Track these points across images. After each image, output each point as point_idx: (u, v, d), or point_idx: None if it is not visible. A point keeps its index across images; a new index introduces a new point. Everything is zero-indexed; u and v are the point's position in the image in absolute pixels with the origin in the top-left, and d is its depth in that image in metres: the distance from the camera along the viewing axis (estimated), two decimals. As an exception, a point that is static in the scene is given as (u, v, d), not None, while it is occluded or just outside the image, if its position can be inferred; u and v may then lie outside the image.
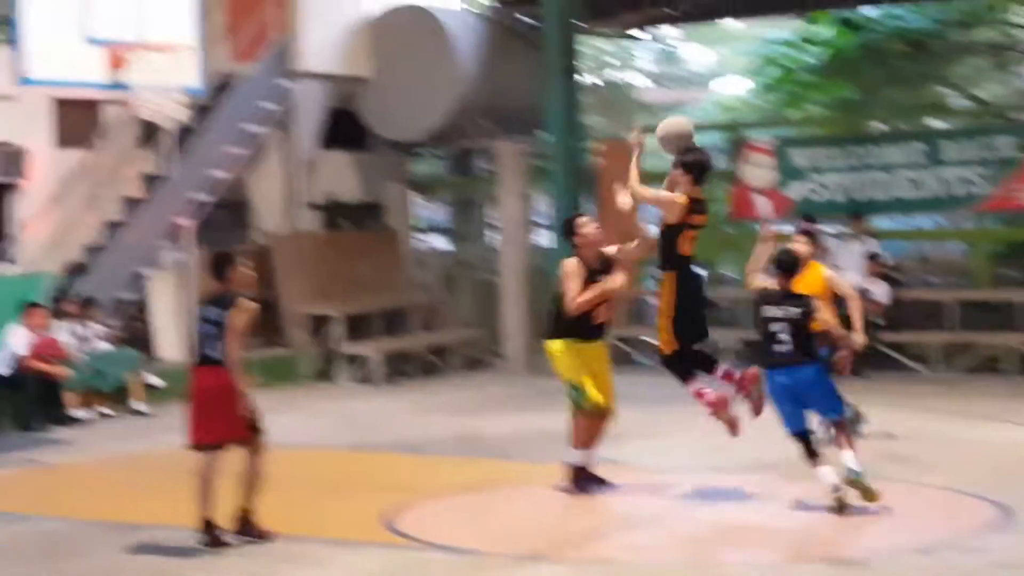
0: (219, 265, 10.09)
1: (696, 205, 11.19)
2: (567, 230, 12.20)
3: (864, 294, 18.78)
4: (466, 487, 12.01)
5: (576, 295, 11.54)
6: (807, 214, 20.04)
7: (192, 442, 10.03)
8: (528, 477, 12.50)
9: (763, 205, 21.08)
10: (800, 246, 12.20)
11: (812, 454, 10.68)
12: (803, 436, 10.72)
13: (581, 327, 11.58)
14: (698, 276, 11.64)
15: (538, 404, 16.28)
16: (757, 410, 11.21)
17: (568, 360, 11.60)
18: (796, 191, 20.84)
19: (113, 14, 13.96)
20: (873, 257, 19.12)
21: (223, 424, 9.86)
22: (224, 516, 9.87)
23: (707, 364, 11.51)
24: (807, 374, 10.70)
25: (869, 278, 18.97)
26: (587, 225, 12.06)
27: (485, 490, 11.97)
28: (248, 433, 9.93)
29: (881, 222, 21.90)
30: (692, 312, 11.32)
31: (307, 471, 13.00)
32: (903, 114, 24.46)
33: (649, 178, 11.67)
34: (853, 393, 16.91)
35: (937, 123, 23.76)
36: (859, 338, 12.17)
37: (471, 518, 11.11)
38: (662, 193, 11.32)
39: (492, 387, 18.77)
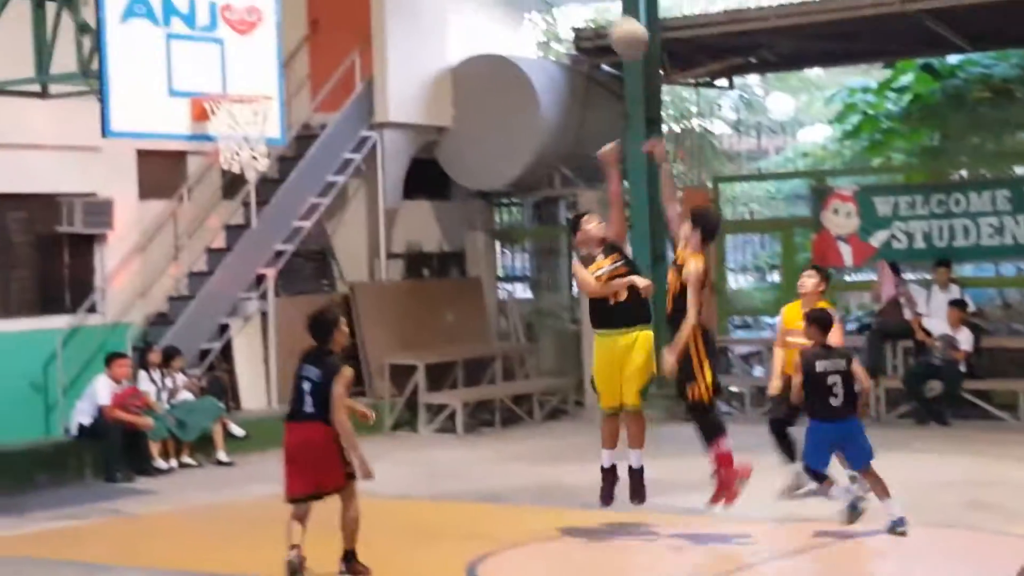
0: (322, 327, 10.29)
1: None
2: (573, 227, 12.23)
3: (949, 342, 18.65)
4: (548, 536, 11.96)
5: (585, 281, 11.52)
6: (892, 262, 19.95)
7: (289, 494, 10.17)
8: (610, 525, 12.42)
9: (845, 253, 20.95)
10: (807, 279, 12.59)
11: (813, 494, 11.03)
12: (821, 476, 11.26)
13: (600, 314, 11.63)
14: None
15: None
16: (731, 500, 11.47)
17: (595, 354, 11.80)
18: (878, 239, 20.68)
19: (196, 66, 14.08)
20: (958, 304, 18.93)
21: (317, 475, 10.12)
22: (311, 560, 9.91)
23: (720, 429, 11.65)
24: (853, 427, 11.24)
25: (953, 325, 18.80)
26: (590, 221, 12.00)
27: (567, 539, 11.92)
28: (344, 482, 10.20)
29: (965, 269, 21.72)
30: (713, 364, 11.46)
31: (390, 521, 12.99)
32: (986, 161, 24.26)
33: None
34: (937, 440, 16.80)
35: (1021, 170, 23.54)
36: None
37: (553, 567, 11.07)
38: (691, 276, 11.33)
39: (573, 436, 18.70)
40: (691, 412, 11.49)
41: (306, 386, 10.25)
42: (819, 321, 11.43)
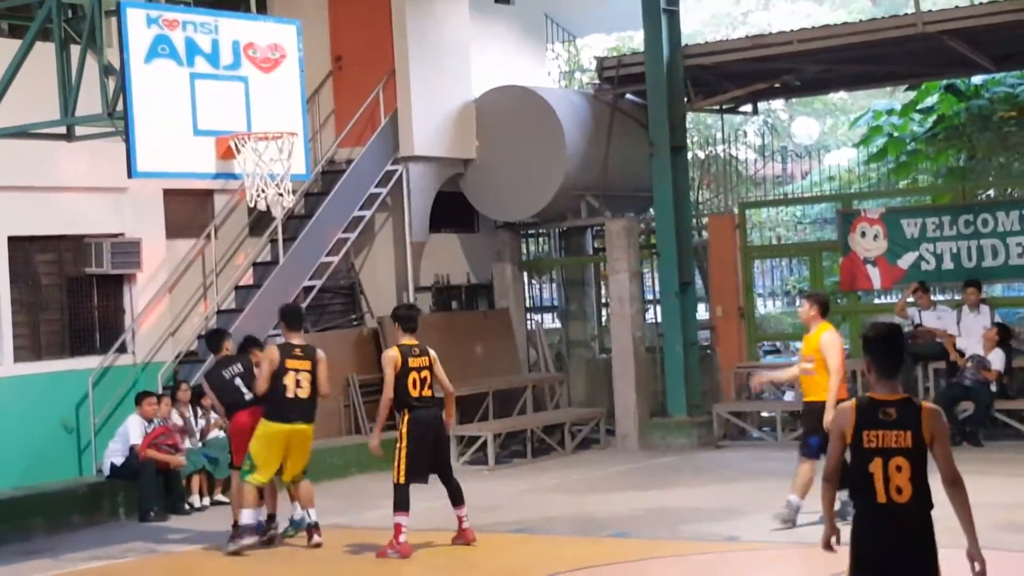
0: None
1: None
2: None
3: (981, 363, 18.58)
4: (583, 566, 11.93)
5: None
6: (920, 283, 19.89)
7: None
8: (644, 554, 12.39)
9: (873, 275, 20.91)
10: (802, 309, 13.34)
11: None
12: None
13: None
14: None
15: (652, 482, 16.18)
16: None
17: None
18: (906, 261, 20.63)
19: (221, 105, 14.13)
20: (999, 327, 18.87)
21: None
22: None
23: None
24: None
25: (984, 346, 18.73)
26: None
27: (602, 569, 11.89)
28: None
29: (994, 289, 21.64)
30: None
31: (426, 555, 12.99)
32: (1013, 180, 24.21)
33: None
34: (970, 461, 16.71)
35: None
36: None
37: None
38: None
39: (605, 465, 18.68)
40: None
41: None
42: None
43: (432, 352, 13.27)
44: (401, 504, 12.65)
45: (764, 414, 21.24)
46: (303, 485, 13.51)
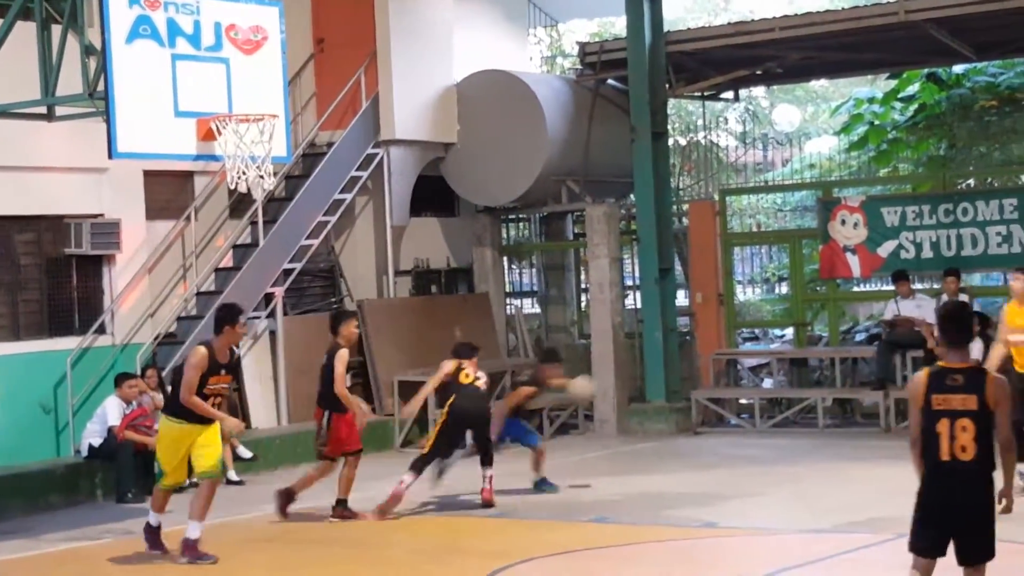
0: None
1: None
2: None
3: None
4: (563, 550, 11.95)
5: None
6: (898, 272, 19.93)
7: None
8: (624, 540, 12.42)
9: (853, 263, 20.95)
10: (1016, 283, 13.78)
11: None
12: None
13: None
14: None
15: (630, 467, 16.20)
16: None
17: None
18: (886, 249, 20.67)
19: (202, 86, 14.09)
20: (978, 316, 18.89)
21: None
22: None
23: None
24: None
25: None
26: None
27: (583, 553, 11.91)
28: None
29: (973, 278, 21.70)
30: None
31: (403, 537, 13.02)
32: (993, 170, 24.27)
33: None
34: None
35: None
36: None
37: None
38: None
39: (583, 450, 18.71)
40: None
41: None
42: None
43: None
44: (415, 466, 14.01)
45: (742, 401, 21.30)
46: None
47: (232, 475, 16.87)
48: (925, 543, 7.75)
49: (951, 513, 7.62)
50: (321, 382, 13.83)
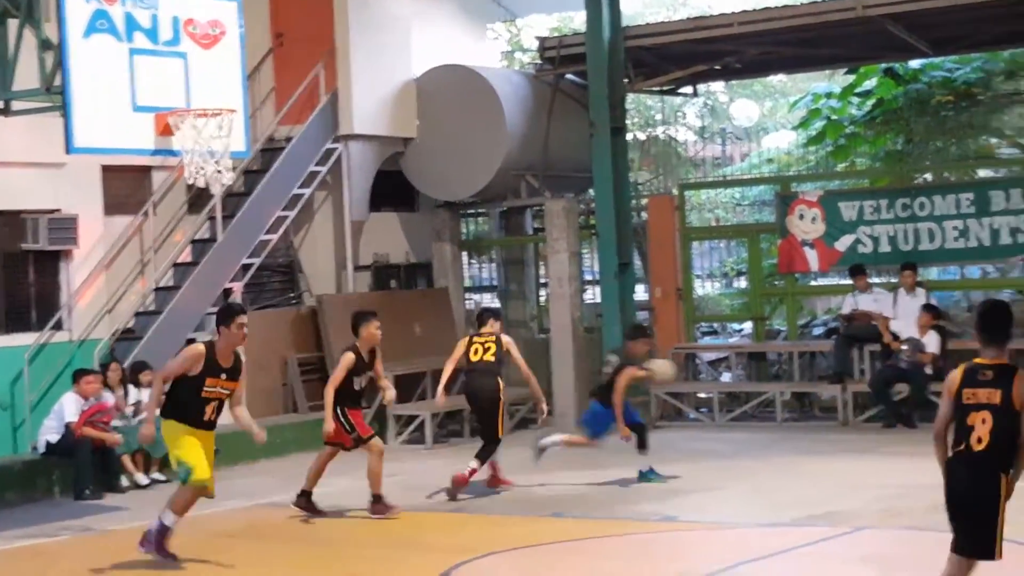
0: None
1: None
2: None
3: (916, 345, 18.74)
4: (521, 545, 11.96)
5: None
6: (855, 266, 20.03)
7: None
8: (583, 534, 12.44)
9: (811, 258, 21.04)
10: None
11: None
12: None
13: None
14: None
15: (589, 461, 16.22)
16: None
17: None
18: (843, 243, 20.77)
19: (160, 81, 14.05)
20: (929, 309, 19.01)
21: None
22: None
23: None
24: None
25: (920, 329, 18.88)
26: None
27: (540, 548, 11.92)
28: None
29: (930, 272, 21.82)
30: None
31: (361, 533, 13.01)
32: (950, 164, 24.40)
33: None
34: (905, 443, 16.86)
35: (985, 172, 23.68)
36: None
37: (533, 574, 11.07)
38: None
39: (543, 445, 18.68)
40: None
41: None
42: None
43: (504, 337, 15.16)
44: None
45: (701, 395, 21.37)
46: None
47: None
48: (953, 536, 7.94)
49: (954, 501, 7.86)
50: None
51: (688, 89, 24.71)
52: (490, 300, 24.57)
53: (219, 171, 14.38)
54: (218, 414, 11.63)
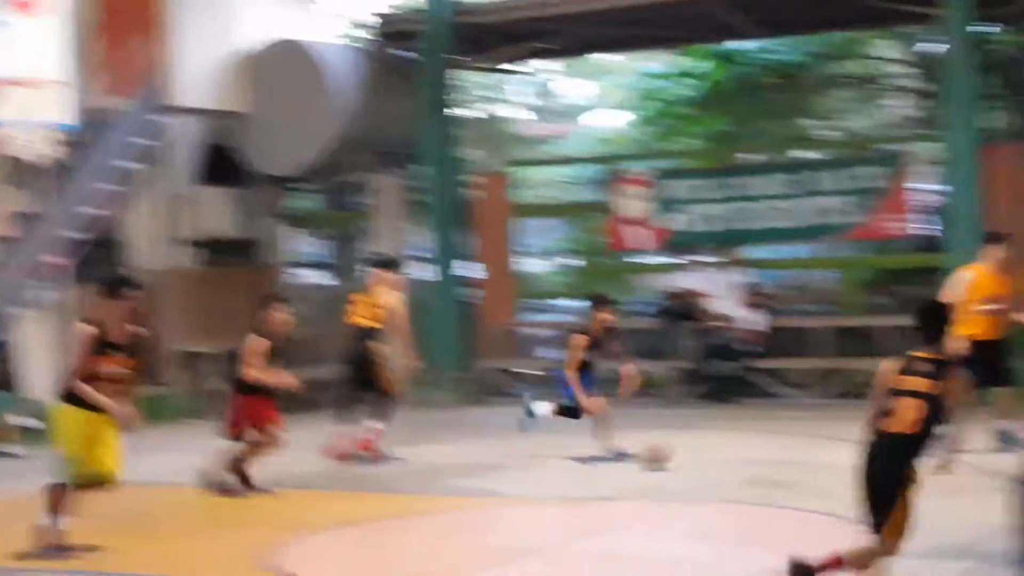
0: None
1: None
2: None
3: (739, 322, 19.09)
4: (347, 521, 11.96)
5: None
6: (684, 244, 20.33)
7: None
8: (410, 510, 12.48)
9: (639, 236, 21.28)
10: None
11: None
12: None
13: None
14: None
15: (417, 437, 16.27)
16: None
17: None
18: (672, 222, 21.05)
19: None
20: (748, 287, 19.36)
21: None
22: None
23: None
24: None
25: (745, 307, 19.22)
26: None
27: (366, 524, 11.93)
28: None
29: (756, 252, 22.22)
30: None
31: (186, 510, 12.90)
32: (775, 145, 24.85)
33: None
34: (729, 419, 17.18)
35: (808, 154, 24.15)
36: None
37: (351, 553, 11.07)
38: None
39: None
40: None
41: None
42: None
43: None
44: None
45: (527, 372, 21.51)
46: None
47: (14, 449, 16.57)
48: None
49: (867, 476, 8.17)
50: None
51: (520, 67, 24.83)
52: (318, 276, 24.51)
53: (44, 144, 14.15)
54: (121, 397, 10.54)
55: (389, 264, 15.62)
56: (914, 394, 8.14)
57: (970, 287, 13.74)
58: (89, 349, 10.37)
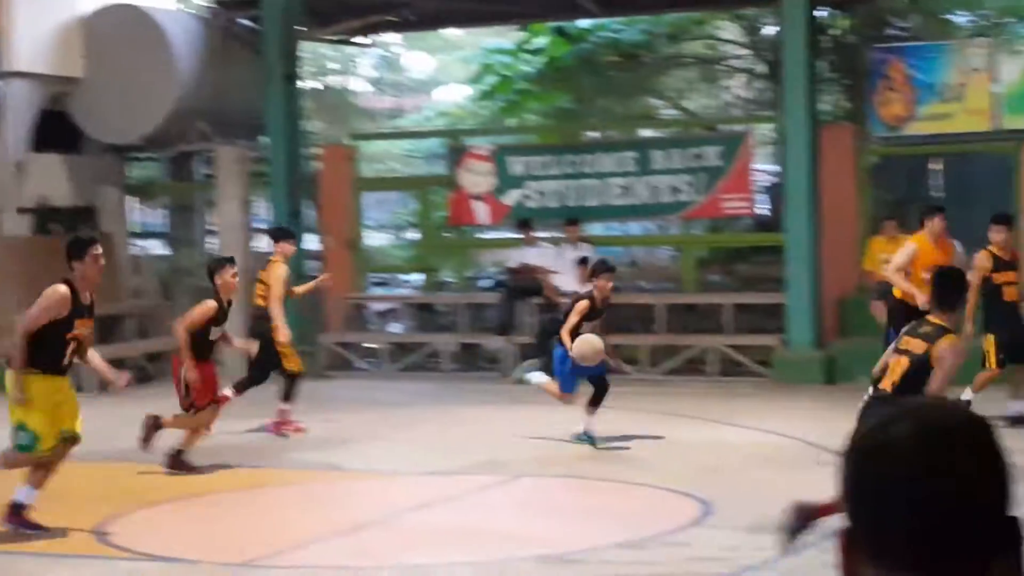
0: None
1: None
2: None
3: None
4: (186, 495, 11.88)
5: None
6: (523, 220, 20.44)
7: None
8: (250, 483, 12.43)
9: (480, 211, 21.37)
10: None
11: None
12: None
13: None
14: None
15: (256, 411, 16.21)
16: None
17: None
18: (512, 198, 21.16)
19: None
20: (586, 262, 19.51)
21: None
22: None
23: None
24: None
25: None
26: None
27: (206, 498, 11.86)
28: None
29: (595, 228, 22.41)
30: None
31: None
32: (616, 123, 25.06)
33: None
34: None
35: (648, 133, 24.42)
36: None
37: (190, 526, 11.01)
38: None
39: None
40: None
41: None
42: None
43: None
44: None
45: (370, 345, 21.51)
46: None
47: None
48: None
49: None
50: None
51: (364, 39, 24.75)
52: (158, 247, 24.23)
53: None
54: (77, 356, 10.72)
55: (280, 233, 15.47)
56: (907, 354, 8.61)
57: (913, 256, 14.00)
58: (57, 310, 10.46)
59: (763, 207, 22.35)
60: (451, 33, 33.54)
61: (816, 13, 19.43)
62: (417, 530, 10.48)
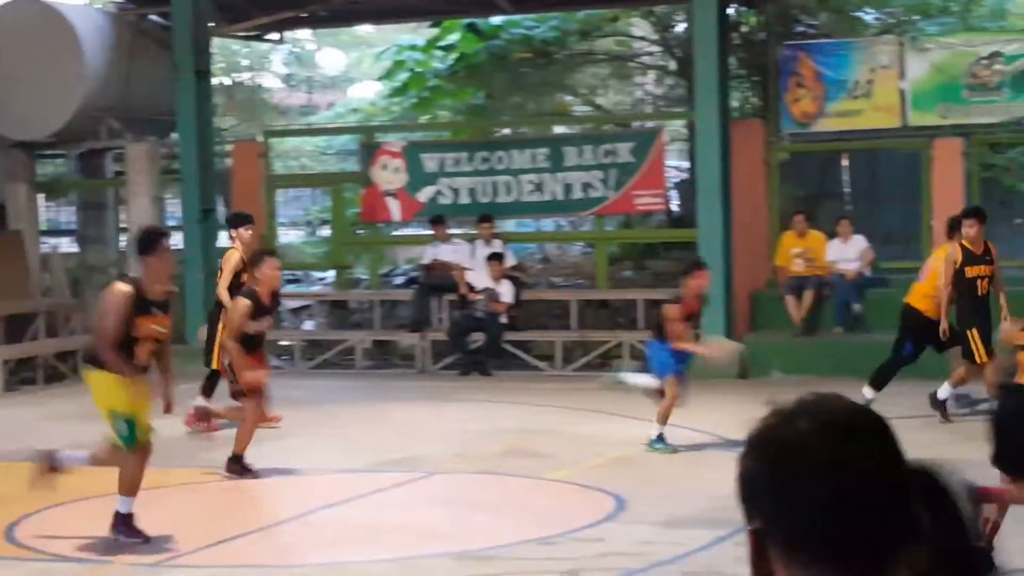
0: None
1: None
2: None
3: (491, 295, 19.30)
4: (95, 494, 11.77)
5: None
6: (436, 216, 20.45)
7: None
8: (165, 481, 12.34)
9: (393, 208, 21.35)
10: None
11: None
12: None
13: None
14: None
15: (179, 409, 16.09)
16: None
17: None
18: (425, 194, 21.16)
19: None
20: (499, 258, 19.57)
21: None
22: None
23: None
24: None
25: (495, 279, 19.43)
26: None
27: (101, 499, 11.73)
28: None
29: (508, 224, 22.46)
30: None
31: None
32: (528, 120, 25.12)
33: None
34: (480, 391, 17.39)
35: (560, 129, 24.49)
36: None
37: (102, 526, 10.92)
38: None
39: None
40: None
41: None
42: None
43: None
44: None
45: (282, 342, 21.42)
46: None
47: None
48: None
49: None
50: None
51: (275, 36, 24.65)
52: (68, 244, 24.01)
53: None
54: (154, 357, 10.18)
55: (237, 220, 15.24)
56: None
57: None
58: (123, 311, 9.83)
59: (675, 203, 22.50)
60: (363, 29, 33.48)
61: (727, 10, 19.60)
62: (333, 528, 10.47)
